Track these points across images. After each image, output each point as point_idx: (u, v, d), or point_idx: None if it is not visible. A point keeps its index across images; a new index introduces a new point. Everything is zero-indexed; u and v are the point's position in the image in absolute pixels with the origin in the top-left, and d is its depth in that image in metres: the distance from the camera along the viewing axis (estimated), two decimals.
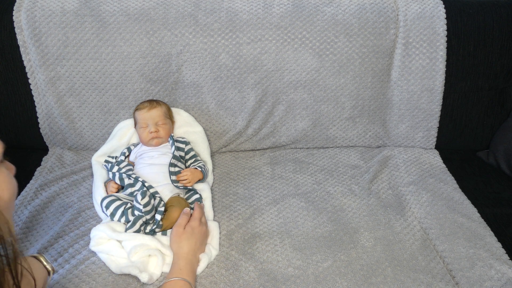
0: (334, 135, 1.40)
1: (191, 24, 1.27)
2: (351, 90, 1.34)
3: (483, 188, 1.23)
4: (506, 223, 1.09)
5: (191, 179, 1.12)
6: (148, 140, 1.19)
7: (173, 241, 0.94)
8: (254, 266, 0.94)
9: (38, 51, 1.25)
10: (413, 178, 1.26)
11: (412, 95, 1.35)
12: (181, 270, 0.87)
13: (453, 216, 1.10)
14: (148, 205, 0.98)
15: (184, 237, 0.93)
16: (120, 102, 1.31)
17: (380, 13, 1.29)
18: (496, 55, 1.31)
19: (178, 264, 0.89)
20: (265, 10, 1.28)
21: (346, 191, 1.20)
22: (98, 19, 1.25)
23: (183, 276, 0.86)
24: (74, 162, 1.31)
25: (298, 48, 1.29)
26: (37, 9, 1.24)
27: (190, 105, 1.34)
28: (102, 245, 0.96)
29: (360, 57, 1.30)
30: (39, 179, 1.22)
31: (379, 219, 1.10)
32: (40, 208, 1.10)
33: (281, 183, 1.23)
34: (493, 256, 0.98)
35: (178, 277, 0.85)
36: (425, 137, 1.40)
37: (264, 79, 1.32)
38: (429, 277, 0.93)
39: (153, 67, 1.28)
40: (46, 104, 1.31)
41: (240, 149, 1.41)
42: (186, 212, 1.00)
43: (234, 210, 1.12)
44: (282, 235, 1.03)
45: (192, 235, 0.94)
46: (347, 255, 0.98)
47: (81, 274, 0.91)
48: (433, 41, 1.29)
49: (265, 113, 1.36)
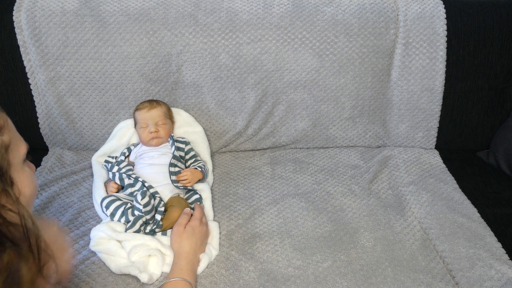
0: (334, 135, 1.40)
1: (191, 24, 1.27)
2: (351, 90, 1.34)
3: (483, 188, 1.23)
4: (506, 223, 1.09)
5: (191, 179, 1.12)
6: (148, 140, 1.19)
7: (174, 241, 0.94)
8: (254, 266, 0.94)
9: (38, 51, 1.25)
10: (413, 178, 1.26)
11: (412, 95, 1.35)
12: (181, 270, 0.87)
13: (453, 216, 1.10)
14: (148, 205, 0.98)
15: (184, 237, 0.93)
16: (120, 102, 1.31)
17: (380, 13, 1.29)
18: (496, 55, 1.31)
19: (179, 264, 0.89)
20: (265, 10, 1.28)
21: (346, 191, 1.20)
22: (98, 19, 1.25)
23: (184, 276, 0.86)
24: (74, 162, 1.31)
25: (298, 48, 1.29)
26: (37, 9, 1.24)
27: (190, 105, 1.34)
28: (102, 245, 0.96)
29: (360, 57, 1.30)
30: (39, 179, 1.22)
31: (379, 219, 1.10)
32: (40, 208, 1.10)
33: (281, 183, 1.23)
34: (493, 256, 0.98)
35: (178, 277, 0.85)
36: (425, 137, 1.40)
37: (264, 79, 1.32)
38: (429, 277, 0.93)
39: (153, 67, 1.29)
40: (46, 104, 1.31)
41: (240, 149, 1.41)
42: (186, 212, 1.00)
43: (234, 210, 1.12)
44: (282, 235, 1.03)
45: (192, 235, 0.94)
46: (347, 255, 0.98)
47: (81, 274, 0.91)
48: (433, 41, 1.29)
49: (265, 113, 1.36)
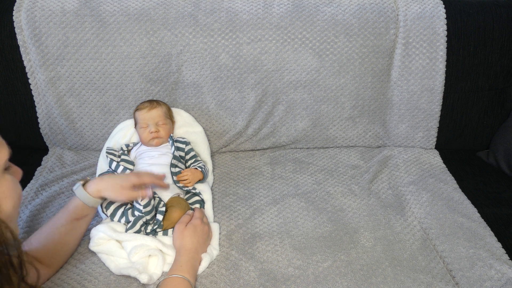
0: (334, 135, 1.40)
1: (191, 24, 1.27)
2: (351, 90, 1.34)
3: (483, 188, 1.23)
4: (506, 223, 1.09)
5: (191, 179, 1.12)
6: (149, 140, 1.19)
7: (176, 238, 0.95)
8: (254, 266, 0.94)
9: (38, 51, 1.25)
10: (413, 178, 1.26)
11: (412, 95, 1.35)
12: (181, 266, 0.88)
13: (453, 216, 1.10)
14: (148, 205, 0.98)
15: (186, 233, 0.94)
16: (120, 102, 1.31)
17: (380, 13, 1.29)
18: (496, 55, 1.31)
19: (179, 260, 0.90)
20: (265, 10, 1.28)
21: (346, 191, 1.20)
22: (98, 19, 1.25)
23: (183, 273, 0.86)
24: (74, 162, 1.31)
25: (298, 48, 1.29)
26: (37, 9, 1.24)
27: (190, 105, 1.34)
28: (102, 245, 0.96)
29: (360, 57, 1.30)
30: (39, 179, 1.22)
31: (379, 219, 1.10)
32: (40, 208, 1.10)
33: (281, 183, 1.23)
34: (493, 256, 0.98)
35: (177, 274, 0.85)
36: (425, 137, 1.40)
37: (264, 79, 1.32)
38: (429, 277, 0.93)
39: (153, 67, 1.29)
40: (46, 104, 1.31)
41: (240, 149, 1.41)
42: (189, 213, 1.02)
43: (234, 210, 1.12)
44: (282, 235, 1.03)
45: (194, 233, 0.95)
46: (347, 255, 0.98)
47: (82, 273, 0.91)
48: (433, 41, 1.29)
49: (265, 113, 1.36)
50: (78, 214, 0.93)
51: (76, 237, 0.95)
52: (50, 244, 0.89)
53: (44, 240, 0.89)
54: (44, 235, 0.90)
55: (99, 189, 0.93)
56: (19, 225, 1.04)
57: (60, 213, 0.93)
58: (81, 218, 0.93)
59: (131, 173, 1.07)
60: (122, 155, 1.17)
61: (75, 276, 0.90)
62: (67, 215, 0.92)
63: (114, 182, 0.95)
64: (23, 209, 1.09)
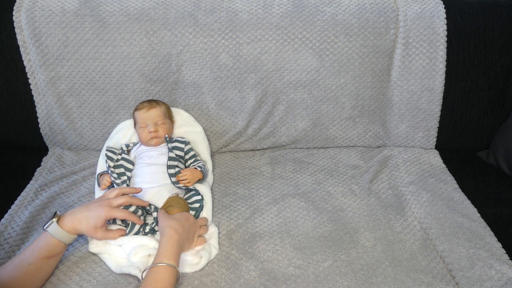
0: (334, 135, 1.40)
1: (191, 24, 1.27)
2: (351, 90, 1.34)
3: (483, 188, 1.23)
4: (506, 223, 1.09)
5: (191, 179, 1.12)
6: (148, 140, 1.19)
7: (161, 220, 0.94)
8: (254, 266, 0.94)
9: (38, 51, 1.25)
10: (413, 178, 1.26)
11: (412, 95, 1.35)
12: (167, 251, 0.85)
13: (453, 216, 1.10)
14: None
15: (170, 217, 0.94)
16: (120, 102, 1.31)
17: (380, 13, 1.29)
18: (496, 55, 1.31)
19: (164, 245, 0.87)
20: (265, 10, 1.28)
21: (346, 191, 1.20)
22: (98, 19, 1.25)
23: (169, 260, 0.83)
24: (74, 162, 1.31)
25: (298, 48, 1.29)
26: (37, 9, 1.24)
27: (190, 105, 1.34)
28: (100, 246, 0.96)
29: (360, 57, 1.30)
30: (39, 179, 1.22)
31: (379, 219, 1.10)
32: (40, 208, 1.10)
33: (281, 183, 1.23)
34: (493, 256, 0.98)
35: (162, 262, 0.82)
36: (425, 137, 1.40)
37: (264, 79, 1.32)
38: (429, 277, 0.93)
39: (153, 67, 1.29)
40: (46, 104, 1.31)
41: (240, 149, 1.41)
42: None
43: (234, 210, 1.12)
44: (282, 235, 1.03)
45: (179, 219, 0.94)
46: (347, 255, 0.98)
47: (81, 272, 0.91)
48: (433, 41, 1.29)
49: (265, 113, 1.36)
50: (51, 252, 0.86)
51: (45, 275, 0.88)
52: (14, 282, 0.81)
53: (7, 278, 0.81)
54: (8, 273, 0.81)
55: (75, 226, 0.88)
56: (19, 225, 1.03)
57: (28, 250, 0.85)
58: (53, 256, 0.87)
59: (102, 203, 0.93)
60: (123, 154, 1.17)
61: (75, 276, 0.90)
62: (37, 253, 0.84)
63: (88, 222, 0.89)
64: (22, 210, 1.09)
